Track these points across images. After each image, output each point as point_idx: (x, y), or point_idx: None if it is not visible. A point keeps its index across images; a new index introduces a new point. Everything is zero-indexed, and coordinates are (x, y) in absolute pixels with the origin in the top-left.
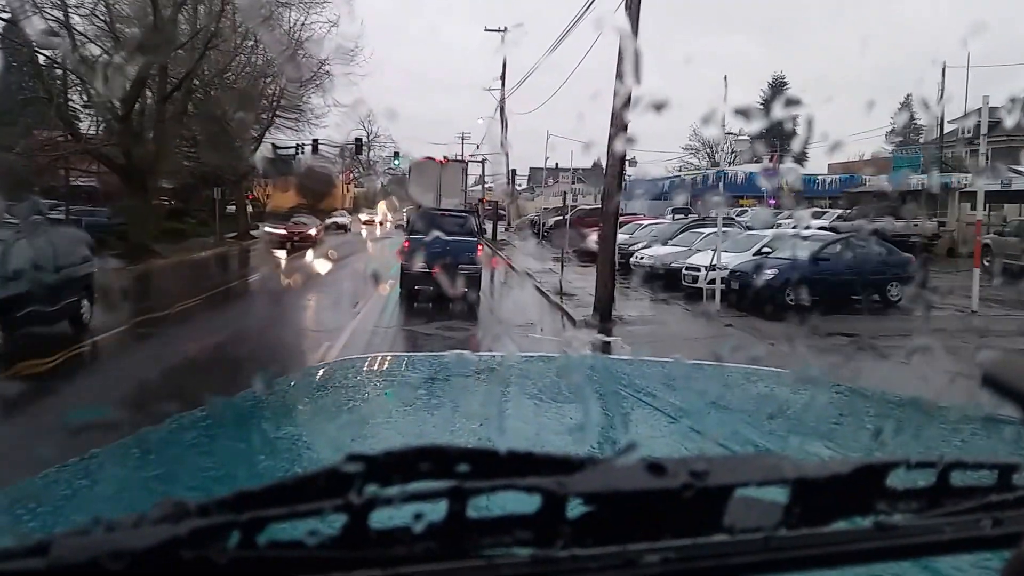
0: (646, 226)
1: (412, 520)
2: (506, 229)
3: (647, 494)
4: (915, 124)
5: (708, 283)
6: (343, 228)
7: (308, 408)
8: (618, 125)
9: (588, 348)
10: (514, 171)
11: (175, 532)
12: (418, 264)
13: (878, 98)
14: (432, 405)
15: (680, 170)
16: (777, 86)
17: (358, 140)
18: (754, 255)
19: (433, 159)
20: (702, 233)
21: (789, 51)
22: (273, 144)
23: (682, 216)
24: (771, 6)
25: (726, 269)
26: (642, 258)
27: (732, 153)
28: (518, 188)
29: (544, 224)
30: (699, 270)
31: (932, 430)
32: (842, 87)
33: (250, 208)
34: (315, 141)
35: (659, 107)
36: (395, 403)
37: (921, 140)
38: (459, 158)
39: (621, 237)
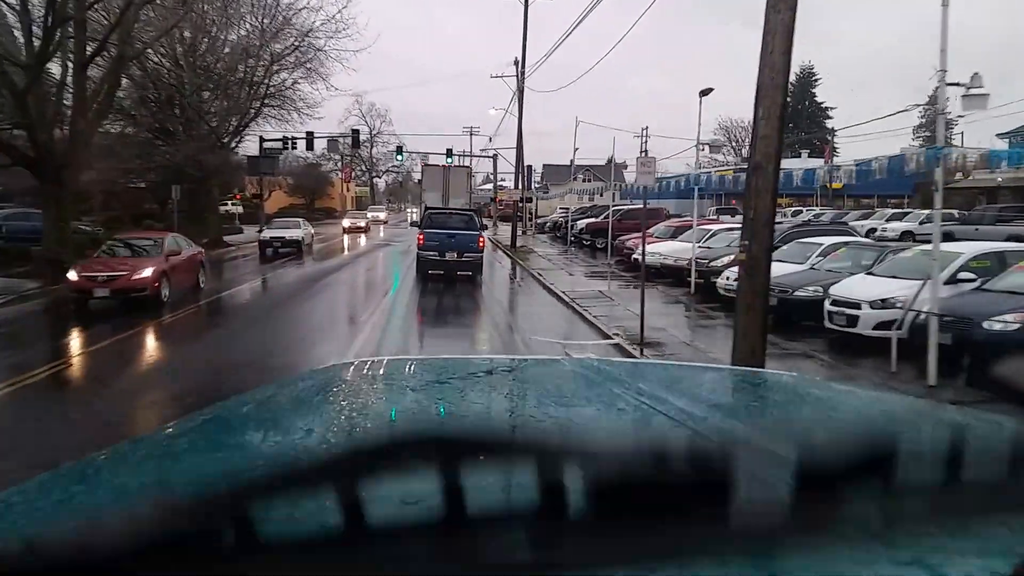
0: (717, 232)
1: (408, 515)
2: (523, 232)
3: (652, 487)
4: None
5: (895, 330)
6: (292, 246)
7: (309, 412)
8: (775, 68)
9: None
10: (530, 167)
11: (168, 530)
12: (431, 252)
13: (894, 93)
14: (436, 410)
15: (701, 166)
16: (805, 77)
17: (355, 132)
18: (946, 284)
19: (440, 165)
20: (819, 244)
21: (807, 42)
22: (260, 137)
23: (729, 216)
24: None
25: (896, 304)
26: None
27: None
28: (536, 185)
29: (572, 227)
30: (859, 306)
31: (940, 431)
32: (860, 81)
33: (240, 210)
34: (309, 134)
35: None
36: (399, 407)
37: (951, 135)
38: (464, 164)
39: (692, 249)
